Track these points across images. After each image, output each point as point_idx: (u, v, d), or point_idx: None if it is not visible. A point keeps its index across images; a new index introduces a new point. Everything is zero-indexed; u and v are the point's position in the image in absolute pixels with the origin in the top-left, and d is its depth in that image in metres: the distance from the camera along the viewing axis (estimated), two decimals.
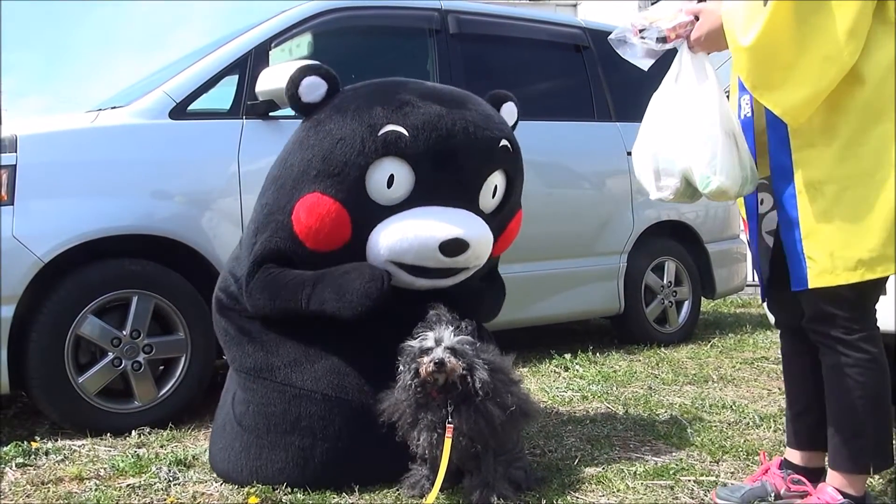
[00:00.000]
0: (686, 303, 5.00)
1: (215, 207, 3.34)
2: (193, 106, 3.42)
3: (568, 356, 4.27)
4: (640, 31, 2.01)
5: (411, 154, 2.33)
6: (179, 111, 3.37)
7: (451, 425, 2.12)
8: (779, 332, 2.25)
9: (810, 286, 1.88)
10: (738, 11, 1.82)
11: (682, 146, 1.93)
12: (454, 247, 2.32)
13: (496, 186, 2.52)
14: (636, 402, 3.36)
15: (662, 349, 4.61)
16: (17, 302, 2.96)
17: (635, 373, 3.98)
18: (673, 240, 4.96)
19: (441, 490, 2.16)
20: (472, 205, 2.46)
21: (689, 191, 2.00)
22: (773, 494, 2.13)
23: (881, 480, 2.28)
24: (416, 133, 2.32)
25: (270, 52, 3.62)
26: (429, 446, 2.16)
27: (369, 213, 2.35)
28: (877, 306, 1.97)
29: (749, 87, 1.87)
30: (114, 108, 3.44)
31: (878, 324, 1.98)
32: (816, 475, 2.08)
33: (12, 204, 2.97)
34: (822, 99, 1.79)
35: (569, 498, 2.23)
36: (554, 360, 4.22)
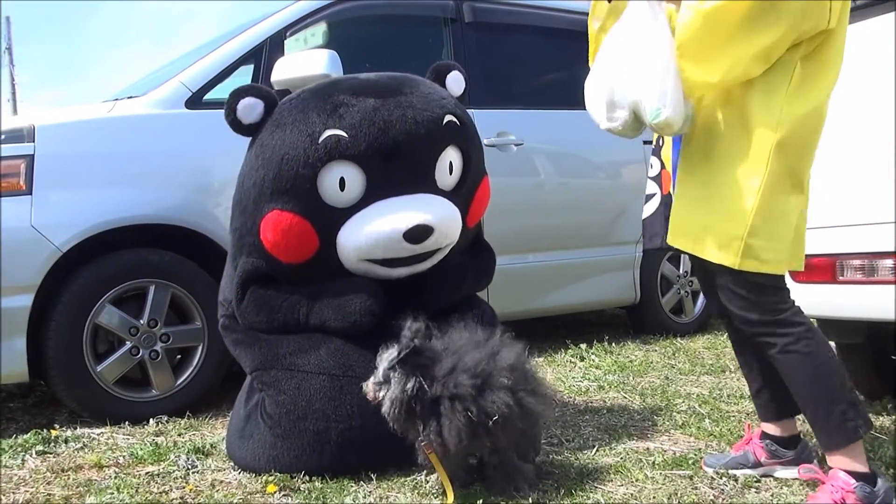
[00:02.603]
0: (702, 293, 4.97)
1: (231, 197, 3.33)
2: (209, 96, 3.43)
3: (583, 346, 4.25)
4: None
5: (355, 154, 2.35)
6: (195, 101, 3.38)
7: (424, 443, 2.11)
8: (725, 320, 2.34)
9: (667, 242, 2.17)
10: None
11: (635, 79, 2.03)
12: (418, 233, 2.36)
13: (451, 163, 2.52)
14: (653, 392, 3.35)
15: (678, 339, 4.58)
16: (36, 291, 2.97)
17: (651, 363, 3.96)
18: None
19: (463, 484, 2.19)
20: (429, 187, 2.48)
21: (635, 124, 2.10)
22: (753, 462, 2.29)
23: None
24: (355, 132, 2.34)
25: (285, 42, 3.62)
26: (425, 461, 2.17)
27: (330, 219, 2.39)
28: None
29: (677, 44, 1.99)
30: (130, 98, 3.45)
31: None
32: (792, 442, 2.27)
33: (30, 194, 2.98)
34: (717, 88, 2.01)
35: (587, 487, 2.22)
36: (569, 351, 4.21)
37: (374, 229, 2.36)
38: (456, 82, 2.70)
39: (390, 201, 2.40)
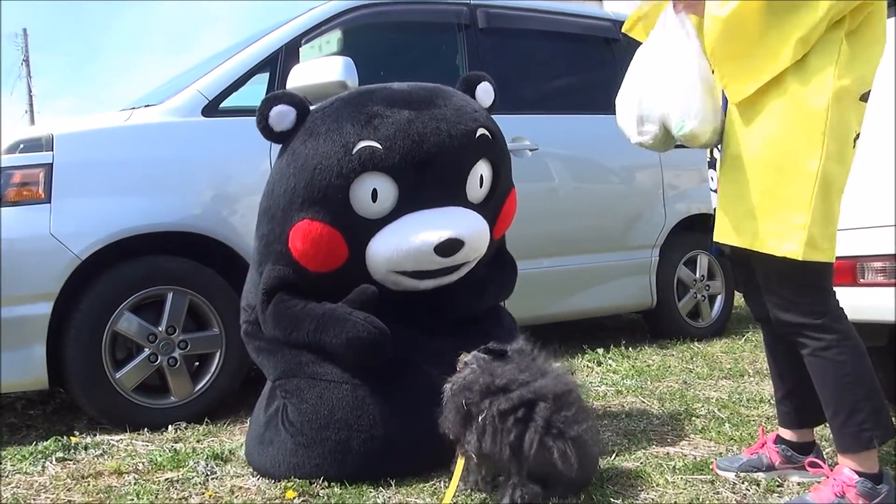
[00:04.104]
0: (719, 297, 4.95)
1: (248, 204, 3.33)
2: (225, 103, 3.45)
3: (601, 351, 4.24)
4: None
5: (388, 166, 2.35)
6: (212, 109, 3.40)
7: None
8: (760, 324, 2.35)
9: (714, 239, 2.13)
10: None
11: (663, 94, 2.08)
12: (449, 247, 2.37)
13: (482, 176, 2.53)
14: (671, 396, 3.33)
15: (696, 344, 4.56)
16: (55, 299, 2.99)
17: (669, 367, 3.94)
18: (705, 233, 4.89)
19: (475, 486, 2.20)
20: (460, 199, 2.49)
21: (665, 137, 2.14)
22: (767, 465, 2.31)
23: None
24: (390, 144, 2.34)
25: (301, 49, 3.63)
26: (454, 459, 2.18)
27: (361, 230, 2.39)
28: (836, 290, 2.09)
29: (709, 53, 2.03)
30: (147, 106, 3.47)
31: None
32: (807, 448, 2.30)
33: (49, 202, 3.01)
34: (759, 86, 1.96)
35: (608, 492, 2.21)
36: (587, 355, 4.20)
37: (406, 242, 2.37)
38: (485, 93, 2.71)
39: (422, 214, 2.41)
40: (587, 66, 4.75)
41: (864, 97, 1.97)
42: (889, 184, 2.48)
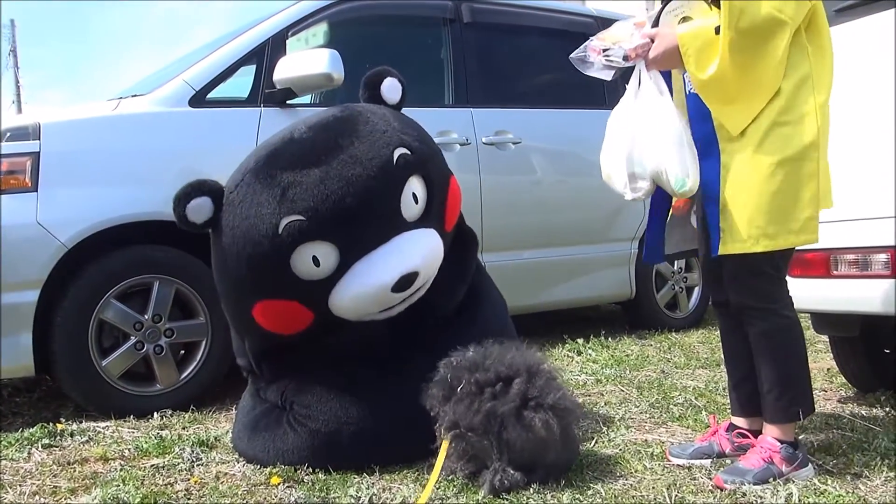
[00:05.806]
0: (696, 289, 5.04)
1: None
2: (212, 94, 3.46)
3: (581, 341, 4.30)
4: (604, 50, 2.26)
5: (318, 231, 2.27)
6: (199, 99, 3.41)
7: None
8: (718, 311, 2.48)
9: (719, 253, 2.19)
10: (694, 41, 2.13)
11: (654, 152, 2.16)
12: (405, 282, 2.32)
13: (414, 194, 2.42)
14: (650, 385, 3.39)
15: (673, 334, 4.65)
16: (42, 287, 3.00)
17: (647, 357, 4.01)
18: None
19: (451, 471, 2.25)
20: (400, 226, 2.39)
21: (649, 192, 2.27)
22: (717, 453, 2.41)
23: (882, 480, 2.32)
24: (312, 213, 2.25)
25: (287, 42, 3.65)
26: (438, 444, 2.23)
27: (316, 293, 2.34)
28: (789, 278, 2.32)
29: (707, 102, 2.17)
30: (135, 96, 3.48)
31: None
32: (757, 435, 2.37)
33: (36, 191, 3.01)
34: (756, 113, 2.11)
35: (587, 478, 2.26)
36: (567, 345, 4.26)
37: (362, 292, 2.32)
38: (391, 89, 2.60)
39: (369, 259, 2.32)
40: (569, 61, 4.79)
41: None
42: (863, 178, 2.54)
